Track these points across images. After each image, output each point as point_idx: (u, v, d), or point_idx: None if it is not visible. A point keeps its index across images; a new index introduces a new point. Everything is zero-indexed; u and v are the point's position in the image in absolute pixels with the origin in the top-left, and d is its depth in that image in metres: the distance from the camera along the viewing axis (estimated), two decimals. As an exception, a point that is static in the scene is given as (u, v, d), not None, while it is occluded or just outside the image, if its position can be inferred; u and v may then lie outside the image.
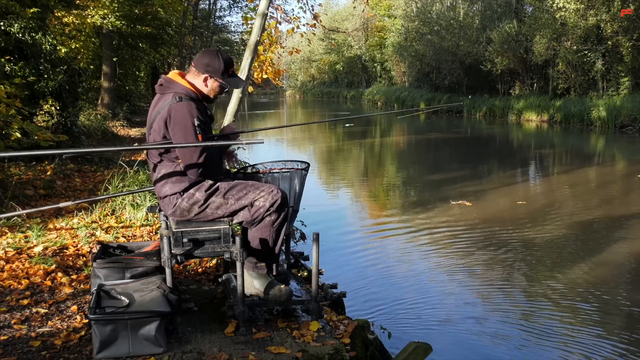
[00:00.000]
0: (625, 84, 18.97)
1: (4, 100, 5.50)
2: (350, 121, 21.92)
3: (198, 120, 2.56)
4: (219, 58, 2.68)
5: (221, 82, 2.70)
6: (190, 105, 2.57)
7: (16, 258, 3.58)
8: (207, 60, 2.67)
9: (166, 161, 2.64)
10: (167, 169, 2.64)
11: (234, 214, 2.65)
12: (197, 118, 2.56)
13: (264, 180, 2.85)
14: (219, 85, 2.71)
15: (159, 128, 2.59)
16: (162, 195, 2.67)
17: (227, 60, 2.71)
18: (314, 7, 9.45)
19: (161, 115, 2.59)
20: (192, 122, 2.54)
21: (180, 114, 2.55)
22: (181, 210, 2.65)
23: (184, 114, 2.54)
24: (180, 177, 2.63)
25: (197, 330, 2.58)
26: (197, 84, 2.69)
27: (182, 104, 2.56)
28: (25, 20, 7.24)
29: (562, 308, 4.18)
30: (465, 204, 7.48)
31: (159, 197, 2.72)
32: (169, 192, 2.64)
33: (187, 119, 2.54)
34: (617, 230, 6.32)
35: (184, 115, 2.54)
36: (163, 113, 2.58)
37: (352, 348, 2.58)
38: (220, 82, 2.70)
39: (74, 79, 8.84)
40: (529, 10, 24.11)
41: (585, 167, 11.62)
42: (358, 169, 11.94)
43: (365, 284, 4.67)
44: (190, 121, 2.54)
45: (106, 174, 6.42)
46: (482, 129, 20.48)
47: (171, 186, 2.64)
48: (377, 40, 40.42)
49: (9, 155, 4.76)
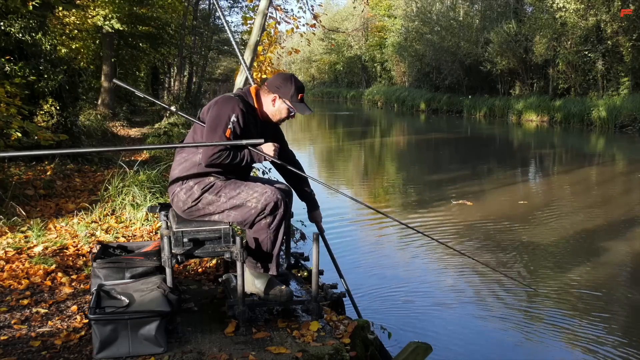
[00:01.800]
0: (625, 84, 18.97)
1: (4, 100, 5.50)
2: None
3: (236, 119, 2.55)
4: (292, 82, 2.70)
5: (289, 105, 2.70)
6: (237, 101, 2.60)
7: (16, 258, 3.58)
8: (279, 82, 2.70)
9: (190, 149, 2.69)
10: (187, 154, 2.68)
11: (225, 212, 2.64)
12: (237, 117, 2.56)
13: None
14: (286, 109, 2.71)
15: (205, 111, 2.67)
16: (171, 179, 2.73)
17: (299, 86, 2.72)
18: (313, 7, 9.43)
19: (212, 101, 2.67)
20: (229, 115, 2.55)
21: (221, 104, 2.60)
22: (177, 200, 2.68)
23: (225, 105, 2.59)
24: (191, 167, 2.65)
25: (197, 330, 2.58)
26: (265, 102, 2.72)
27: (230, 98, 2.62)
28: (25, 20, 7.24)
29: (562, 308, 4.17)
30: (466, 204, 7.48)
31: (169, 180, 2.77)
32: (176, 175, 2.68)
33: (226, 110, 2.56)
34: (618, 230, 6.32)
35: (223, 106, 2.58)
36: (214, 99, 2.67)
37: (352, 348, 2.57)
38: (287, 104, 2.70)
39: (74, 79, 8.83)
40: (529, 11, 24.11)
41: (585, 167, 11.62)
42: (358, 169, 11.94)
43: (365, 284, 4.66)
44: (228, 114, 2.55)
45: (106, 174, 6.42)
46: (482, 129, 20.47)
47: (180, 172, 2.68)
48: (377, 40, 40.41)
49: (9, 155, 4.76)
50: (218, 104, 2.61)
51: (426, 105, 29.14)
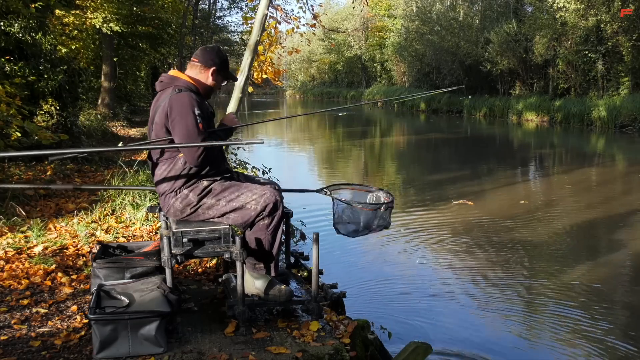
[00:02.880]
0: (625, 84, 18.96)
1: (4, 100, 5.50)
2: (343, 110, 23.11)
3: (199, 110, 2.59)
4: (221, 53, 2.83)
5: (229, 73, 2.85)
6: (190, 96, 2.61)
7: (16, 258, 3.58)
8: (212, 55, 2.77)
9: (167, 156, 2.66)
10: (168, 164, 2.65)
11: (225, 215, 2.65)
12: (198, 108, 2.59)
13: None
14: (222, 78, 2.84)
15: (161, 121, 2.62)
16: (160, 192, 2.70)
17: (225, 55, 2.88)
18: (314, 7, 9.43)
19: (162, 108, 2.62)
20: (193, 111, 2.57)
21: (180, 103, 2.58)
22: (174, 210, 2.67)
23: (184, 103, 2.58)
24: (178, 175, 2.64)
25: (197, 330, 2.58)
26: (202, 78, 2.77)
27: (182, 94, 2.60)
28: (25, 20, 7.24)
29: (563, 308, 4.17)
30: (466, 204, 7.48)
31: (158, 193, 2.75)
32: (167, 188, 2.65)
33: (187, 107, 2.57)
34: (618, 230, 6.32)
35: (184, 104, 2.57)
36: (164, 105, 2.61)
37: (352, 348, 2.57)
38: (225, 75, 2.84)
39: (74, 79, 8.84)
40: (529, 11, 24.10)
41: (585, 167, 11.62)
42: (358, 169, 11.94)
43: (365, 284, 4.66)
44: (191, 109, 2.57)
45: (106, 174, 6.42)
46: (483, 129, 20.47)
47: (169, 183, 2.65)
48: (377, 40, 40.41)
49: (9, 155, 4.76)
50: (174, 106, 2.57)
51: (426, 106, 29.14)
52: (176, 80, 2.70)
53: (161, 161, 2.68)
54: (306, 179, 10.61)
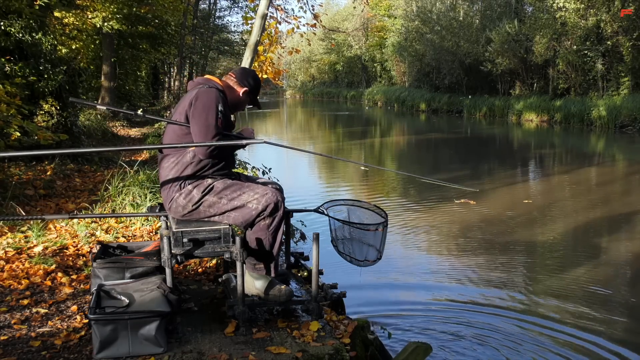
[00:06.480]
0: (625, 84, 18.96)
1: (4, 100, 5.50)
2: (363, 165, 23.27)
3: (222, 107, 2.63)
4: (258, 78, 2.95)
5: (256, 100, 2.95)
6: (218, 93, 2.67)
7: (16, 258, 3.58)
8: (249, 77, 2.89)
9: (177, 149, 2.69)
10: (177, 157, 2.66)
11: (225, 214, 2.65)
12: (222, 105, 2.63)
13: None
14: (249, 101, 2.93)
15: (183, 109, 2.67)
16: (165, 185, 2.71)
17: (260, 83, 2.98)
18: (314, 7, 9.43)
19: (188, 97, 2.68)
20: (216, 106, 2.61)
21: (207, 96, 2.63)
22: (177, 206, 2.66)
23: (210, 96, 2.63)
24: (185, 168, 2.64)
25: (197, 330, 2.58)
26: (232, 91, 2.84)
27: (211, 89, 2.67)
28: (25, 20, 7.24)
29: (564, 308, 4.17)
30: (468, 203, 7.49)
31: (161, 186, 2.75)
32: (172, 181, 2.66)
33: (212, 101, 2.62)
34: (619, 230, 6.32)
35: (210, 98, 2.62)
36: (191, 95, 2.67)
37: (352, 348, 2.57)
38: (253, 99, 2.93)
39: (74, 79, 8.85)
40: (529, 10, 24.11)
41: (585, 167, 11.61)
42: (359, 169, 11.94)
43: (365, 284, 4.66)
44: (215, 104, 2.61)
45: (106, 174, 6.42)
46: (483, 129, 20.47)
47: (175, 175, 2.66)
48: (377, 40, 40.40)
49: (9, 155, 4.76)
50: (200, 97, 2.63)
51: (426, 105, 29.15)
52: (210, 81, 2.79)
53: (170, 152, 2.69)
54: (306, 179, 10.61)
